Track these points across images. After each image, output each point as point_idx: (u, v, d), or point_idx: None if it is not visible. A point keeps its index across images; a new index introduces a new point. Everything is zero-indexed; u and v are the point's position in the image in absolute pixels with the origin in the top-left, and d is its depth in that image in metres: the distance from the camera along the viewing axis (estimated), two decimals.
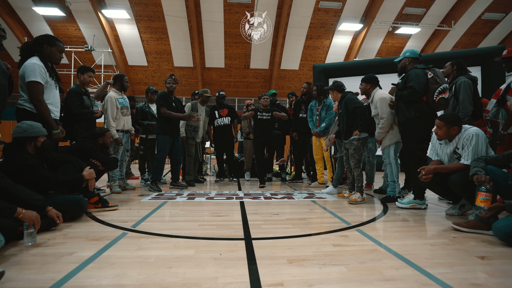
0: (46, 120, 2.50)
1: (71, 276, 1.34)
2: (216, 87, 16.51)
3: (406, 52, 3.15)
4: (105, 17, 13.61)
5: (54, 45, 2.63)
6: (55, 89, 2.68)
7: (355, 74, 6.80)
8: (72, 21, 13.89)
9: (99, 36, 14.26)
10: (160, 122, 4.15)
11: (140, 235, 1.99)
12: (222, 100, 5.18)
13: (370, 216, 2.64)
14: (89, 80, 3.70)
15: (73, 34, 14.53)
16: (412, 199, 2.95)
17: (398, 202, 3.03)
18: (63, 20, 13.80)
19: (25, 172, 2.17)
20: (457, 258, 1.61)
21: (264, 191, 4.06)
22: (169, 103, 4.17)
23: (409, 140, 2.98)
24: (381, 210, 2.90)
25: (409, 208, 2.93)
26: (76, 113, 3.47)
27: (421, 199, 2.93)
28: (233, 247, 1.75)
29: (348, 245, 1.81)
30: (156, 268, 1.44)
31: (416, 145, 2.93)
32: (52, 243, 1.79)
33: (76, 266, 1.44)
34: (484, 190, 2.02)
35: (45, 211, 1.95)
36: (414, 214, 2.74)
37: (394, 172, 3.35)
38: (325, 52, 15.83)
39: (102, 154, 3.06)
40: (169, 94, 4.22)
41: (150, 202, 3.23)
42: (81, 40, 14.68)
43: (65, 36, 14.51)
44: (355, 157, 3.29)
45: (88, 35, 14.46)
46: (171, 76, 4.26)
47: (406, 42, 15.61)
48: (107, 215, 2.55)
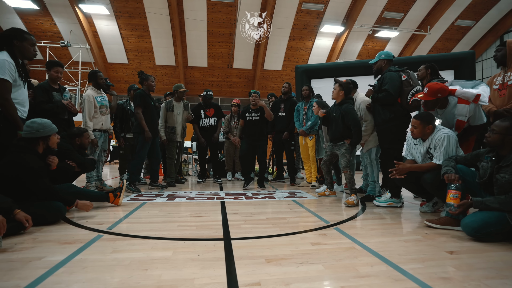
0: (13, 120, 2.36)
1: (39, 282, 1.27)
2: (199, 86, 16.34)
3: (381, 54, 3.24)
4: (83, 12, 13.10)
5: (24, 39, 2.46)
6: (23, 87, 2.52)
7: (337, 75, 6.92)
8: (47, 15, 13.26)
9: (76, 31, 13.70)
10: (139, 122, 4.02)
11: (116, 237, 1.93)
12: (209, 100, 5.05)
13: (349, 214, 2.70)
14: (56, 75, 3.38)
15: (48, 28, 13.87)
16: (389, 197, 3.05)
17: (375, 200, 3.11)
18: (36, 13, 13.14)
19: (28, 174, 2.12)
20: (428, 253, 1.67)
21: (245, 191, 4.05)
22: (148, 103, 4.04)
23: (385, 141, 3.10)
24: (359, 209, 2.97)
25: (386, 206, 3.02)
26: (39, 109, 3.18)
27: (397, 197, 3.03)
28: (211, 248, 1.74)
29: (326, 243, 1.84)
30: (131, 271, 1.40)
31: (391, 145, 3.04)
32: (19, 248, 1.70)
33: (44, 272, 1.37)
34: (454, 188, 2.12)
35: (12, 214, 1.85)
36: (390, 212, 2.83)
37: (375, 172, 3.45)
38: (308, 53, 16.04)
39: (79, 155, 2.96)
40: (147, 93, 4.10)
41: (128, 203, 3.15)
42: (57, 35, 14.05)
43: (39, 30, 13.84)
44: (346, 156, 3.29)
45: (64, 30, 13.85)
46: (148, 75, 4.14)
47: (386, 45, 16.11)
48: (83, 218, 2.46)
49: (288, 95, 5.01)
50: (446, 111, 2.77)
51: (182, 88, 4.74)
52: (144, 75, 4.11)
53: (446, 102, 2.75)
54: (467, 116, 2.69)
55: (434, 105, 2.75)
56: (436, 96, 2.65)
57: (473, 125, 2.80)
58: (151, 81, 4.11)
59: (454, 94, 2.68)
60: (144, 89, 4.10)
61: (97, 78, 3.84)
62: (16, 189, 2.14)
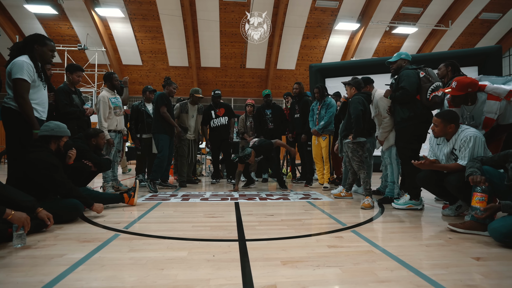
0: (28, 118, 2.47)
1: (61, 278, 1.32)
2: (212, 86, 16.50)
3: (401, 54, 3.18)
4: (99, 16, 13.53)
5: (44, 44, 2.60)
6: (43, 89, 2.65)
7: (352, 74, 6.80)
8: (65, 20, 13.80)
9: (92, 34, 14.18)
10: (159, 122, 4.15)
11: (132, 237, 1.98)
12: (218, 100, 5.12)
13: (366, 217, 2.65)
14: (77, 79, 3.63)
15: (66, 32, 14.42)
16: (408, 199, 2.97)
17: (394, 203, 3.04)
18: (55, 18, 13.70)
19: (47, 170, 2.24)
20: (452, 259, 1.62)
21: (259, 192, 4.06)
22: (170, 105, 4.27)
23: (401, 139, 3.02)
24: (378, 211, 2.91)
25: (405, 209, 2.95)
26: (64, 111, 3.41)
27: (417, 199, 2.95)
28: (226, 249, 1.75)
29: (343, 246, 1.82)
30: (147, 270, 1.43)
31: (407, 144, 2.96)
32: (42, 245, 1.77)
33: (66, 268, 1.43)
34: (480, 191, 2.04)
35: (35, 212, 1.93)
36: (410, 215, 2.76)
37: (395, 173, 3.37)
38: (322, 52, 15.90)
39: (95, 155, 3.05)
40: (169, 95, 4.33)
41: (143, 203, 3.22)
42: (74, 39, 14.58)
43: (57, 34, 14.41)
44: (355, 159, 3.28)
45: (81, 34, 14.37)
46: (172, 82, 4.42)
47: (403, 42, 15.75)
48: (100, 217, 2.54)
49: (300, 96, 4.99)
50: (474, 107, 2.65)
51: (198, 93, 4.84)
52: (169, 81, 4.40)
53: (475, 98, 2.60)
54: (497, 113, 2.55)
55: (463, 101, 2.62)
56: (466, 91, 2.52)
57: (502, 124, 2.66)
58: (173, 87, 4.39)
59: (484, 89, 2.55)
60: (165, 93, 4.31)
61: (112, 80, 3.98)
62: (36, 188, 2.25)
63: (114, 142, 3.94)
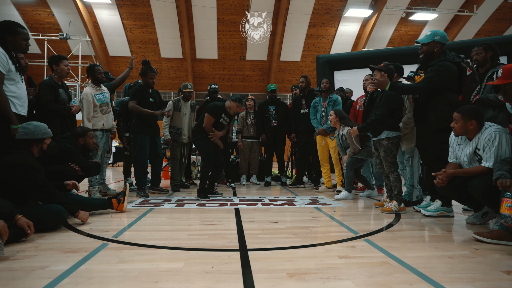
0: (5, 113, 2.47)
1: None
2: (209, 80, 16.50)
3: (435, 35, 2.89)
4: (82, 1, 13.54)
5: (16, 33, 2.60)
6: (20, 81, 2.65)
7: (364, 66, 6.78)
8: (44, 5, 13.79)
9: (75, 22, 14.18)
10: (137, 120, 4.09)
11: (122, 246, 1.98)
12: (215, 95, 5.10)
13: (381, 224, 2.65)
14: (66, 70, 3.61)
15: (46, 20, 14.42)
16: (439, 206, 2.95)
17: (423, 210, 3.02)
18: (33, 4, 13.70)
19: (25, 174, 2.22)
20: (479, 272, 1.61)
21: (262, 197, 4.06)
22: (146, 98, 4.07)
23: (437, 141, 2.92)
24: (393, 217, 2.91)
25: (437, 216, 2.92)
26: (47, 109, 3.38)
27: (449, 206, 2.94)
28: (226, 259, 1.75)
29: (356, 257, 1.82)
30: (140, 283, 1.43)
31: (444, 145, 2.85)
32: (21, 256, 1.78)
33: (48, 282, 1.43)
34: (510, 196, 2.02)
35: (14, 219, 1.93)
36: (430, 222, 2.75)
37: (415, 175, 3.36)
38: (330, 42, 15.88)
39: (83, 158, 3.06)
40: (146, 88, 4.14)
41: (134, 209, 3.22)
42: (55, 27, 14.59)
43: (36, 22, 14.41)
44: (387, 160, 3.17)
45: (63, 22, 14.37)
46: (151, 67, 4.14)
47: (422, 29, 15.71)
48: (86, 224, 2.54)
49: (307, 90, 4.99)
50: None
51: (187, 88, 4.78)
52: (144, 69, 4.08)
53: None
54: None
55: None
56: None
57: None
58: (149, 78, 4.11)
59: None
60: (143, 84, 4.17)
61: (95, 73, 3.92)
62: (15, 193, 2.24)
63: (101, 143, 3.93)
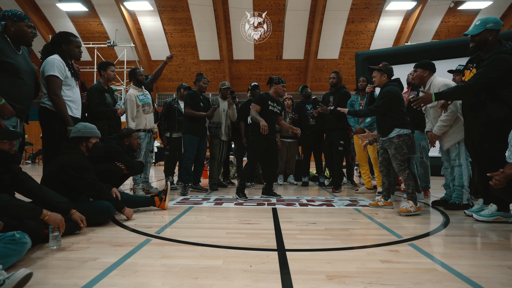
0: (62, 115, 2.72)
1: (95, 282, 1.43)
2: (246, 81, 16.70)
3: (487, 22, 2.64)
4: (128, 10, 14.42)
5: (69, 42, 2.87)
6: (75, 86, 2.91)
7: (407, 61, 6.48)
8: (95, 16, 14.91)
9: (121, 30, 15.15)
10: (187, 122, 4.35)
11: (164, 242, 2.07)
12: (257, 90, 5.26)
13: (427, 228, 2.50)
14: (113, 75, 3.90)
15: (96, 29, 15.57)
16: (495, 210, 2.72)
17: (477, 214, 2.80)
18: (85, 15, 14.87)
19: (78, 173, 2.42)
20: None
21: (299, 197, 4.02)
22: (197, 103, 4.38)
23: (488, 139, 2.69)
24: (441, 221, 2.73)
25: (492, 221, 2.69)
26: (95, 111, 3.67)
27: (507, 211, 2.70)
28: (264, 259, 1.76)
29: (400, 262, 1.73)
30: (181, 278, 1.49)
31: (496, 145, 2.63)
32: (76, 248, 1.93)
33: (99, 272, 1.54)
34: None
35: (69, 214, 2.11)
36: (485, 228, 2.53)
37: (464, 175, 3.16)
38: (370, 37, 15.30)
39: (128, 157, 3.26)
40: (198, 93, 4.47)
41: (174, 207, 3.36)
42: (104, 36, 15.69)
43: (87, 32, 15.61)
44: (398, 157, 3.09)
45: (110, 30, 15.42)
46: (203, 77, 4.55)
47: (473, 19, 14.54)
48: (131, 220, 2.70)
49: (337, 86, 4.87)
50: None
51: (225, 85, 4.95)
52: (199, 76, 4.57)
53: None
54: None
55: None
56: None
57: None
58: (203, 82, 4.51)
59: None
60: (196, 90, 4.49)
61: (136, 75, 4.20)
62: (69, 190, 2.44)
63: (144, 142, 4.15)
